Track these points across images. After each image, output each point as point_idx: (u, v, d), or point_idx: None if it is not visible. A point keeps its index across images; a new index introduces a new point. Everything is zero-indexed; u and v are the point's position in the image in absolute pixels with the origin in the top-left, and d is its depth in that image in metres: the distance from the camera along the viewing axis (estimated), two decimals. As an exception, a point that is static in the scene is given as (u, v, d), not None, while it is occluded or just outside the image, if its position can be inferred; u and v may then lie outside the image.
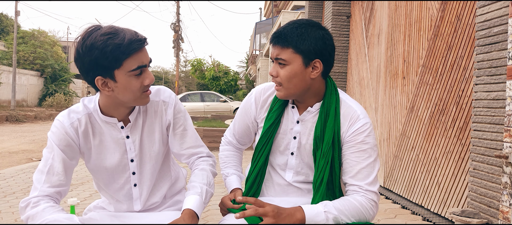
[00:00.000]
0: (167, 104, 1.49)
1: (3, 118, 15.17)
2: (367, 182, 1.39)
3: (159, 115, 1.49)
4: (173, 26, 26.76)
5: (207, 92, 19.29)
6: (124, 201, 1.52)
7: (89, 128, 1.43)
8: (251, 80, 30.59)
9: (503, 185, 2.47)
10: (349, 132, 1.41)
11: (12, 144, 8.94)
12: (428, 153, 3.66)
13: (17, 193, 4.22)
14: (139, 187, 1.51)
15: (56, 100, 21.42)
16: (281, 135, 1.50)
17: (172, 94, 1.52)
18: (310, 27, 1.37)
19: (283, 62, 1.37)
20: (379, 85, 4.91)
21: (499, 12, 2.59)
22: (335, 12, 6.22)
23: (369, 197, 1.38)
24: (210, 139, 8.11)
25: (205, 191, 1.46)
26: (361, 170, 1.39)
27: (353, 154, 1.40)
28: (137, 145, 1.46)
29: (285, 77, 1.37)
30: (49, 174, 1.37)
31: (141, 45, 1.29)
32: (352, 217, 1.35)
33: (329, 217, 1.31)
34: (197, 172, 1.51)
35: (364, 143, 1.40)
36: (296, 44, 1.35)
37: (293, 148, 1.49)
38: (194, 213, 1.38)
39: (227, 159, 1.68)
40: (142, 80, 1.32)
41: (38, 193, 1.34)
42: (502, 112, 2.55)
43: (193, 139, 1.55)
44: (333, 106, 1.42)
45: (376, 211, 1.41)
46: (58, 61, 25.01)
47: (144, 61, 1.32)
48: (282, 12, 15.59)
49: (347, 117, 1.42)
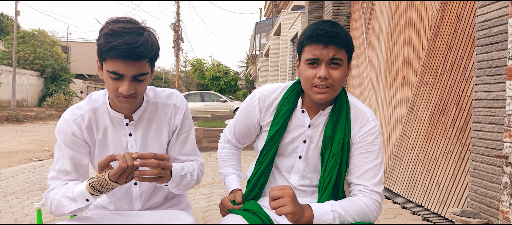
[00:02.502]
0: (178, 109, 1.52)
1: (3, 118, 15.17)
2: (373, 183, 1.39)
3: (169, 118, 1.51)
4: (173, 26, 26.77)
5: (207, 92, 19.29)
6: (124, 199, 1.53)
7: (92, 123, 1.44)
8: (251, 80, 30.59)
9: (503, 185, 2.47)
10: (360, 133, 1.43)
11: (12, 144, 8.94)
12: (428, 153, 3.66)
13: (17, 193, 4.22)
14: (140, 186, 1.52)
15: (56, 100, 21.41)
16: (288, 139, 1.49)
17: (184, 100, 1.55)
18: (337, 25, 1.38)
19: (339, 63, 1.35)
20: (379, 85, 4.91)
21: (499, 12, 2.59)
22: (335, 12, 6.22)
23: (373, 197, 1.39)
24: (210, 139, 8.11)
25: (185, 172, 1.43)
26: (368, 171, 1.40)
27: (361, 154, 1.41)
28: (139, 144, 1.47)
29: (339, 78, 1.35)
30: (59, 172, 1.42)
31: (123, 56, 1.24)
32: (357, 217, 1.35)
33: (335, 216, 1.30)
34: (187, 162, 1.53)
35: (373, 144, 1.42)
36: (347, 45, 1.36)
37: (302, 152, 1.49)
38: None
39: (227, 158, 1.68)
40: (117, 86, 1.30)
41: (51, 188, 1.42)
42: (502, 112, 2.55)
43: (192, 147, 1.58)
44: (344, 108, 1.43)
45: (380, 212, 1.42)
46: (58, 61, 25.01)
47: (121, 72, 1.27)
48: (282, 12, 15.58)
49: (358, 120, 1.44)
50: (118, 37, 1.25)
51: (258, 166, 1.51)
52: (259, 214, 1.43)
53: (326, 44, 1.33)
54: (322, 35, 1.33)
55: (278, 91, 1.52)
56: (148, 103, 1.49)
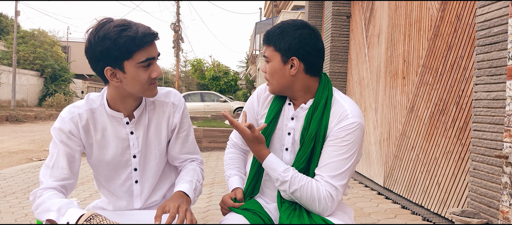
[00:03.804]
0: (176, 107, 1.53)
1: (3, 118, 15.17)
2: (330, 175, 1.39)
3: (167, 116, 1.51)
4: (173, 26, 26.76)
5: (207, 92, 19.30)
6: (124, 198, 1.53)
7: (90, 123, 1.44)
8: (251, 80, 30.58)
9: (503, 185, 2.47)
10: (335, 128, 1.43)
11: (12, 144, 8.94)
12: (428, 153, 3.66)
13: (17, 193, 4.22)
14: (140, 184, 1.53)
15: (56, 100, 21.42)
16: (278, 131, 1.53)
17: (181, 99, 1.55)
18: (291, 27, 1.45)
19: (266, 59, 1.49)
20: (379, 85, 4.91)
21: (499, 12, 2.59)
22: (335, 12, 6.22)
23: (326, 188, 1.39)
24: (210, 139, 8.11)
25: (195, 183, 1.48)
26: (330, 164, 1.40)
27: (329, 147, 1.42)
28: (141, 142, 1.48)
29: (268, 73, 1.48)
30: (53, 168, 1.40)
31: (153, 39, 1.34)
32: (303, 194, 1.38)
33: (281, 178, 1.40)
34: (189, 168, 1.55)
35: (344, 140, 1.41)
36: (275, 43, 1.45)
37: (288, 144, 1.51)
38: (184, 193, 1.41)
39: (231, 161, 1.70)
40: (150, 73, 1.36)
41: (43, 186, 1.38)
42: (502, 112, 2.55)
43: (192, 145, 1.59)
44: (323, 102, 1.46)
45: (332, 207, 1.40)
46: (58, 61, 25.02)
47: (153, 54, 1.35)
48: (282, 12, 15.59)
49: (337, 115, 1.45)
50: (132, 28, 1.31)
51: (254, 160, 1.55)
52: (260, 213, 1.44)
53: (262, 42, 1.53)
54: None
55: None
56: (147, 101, 1.50)
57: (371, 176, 5.04)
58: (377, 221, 3.35)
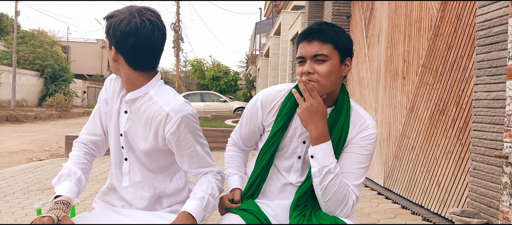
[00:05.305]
0: (170, 120, 1.39)
1: (3, 118, 15.17)
2: (354, 184, 1.42)
3: (157, 123, 1.41)
4: (173, 26, 26.74)
5: (207, 92, 19.31)
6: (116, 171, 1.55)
7: (117, 89, 1.51)
8: (251, 80, 30.58)
9: (503, 185, 2.47)
10: (357, 137, 1.44)
11: (12, 144, 8.94)
12: (428, 153, 3.66)
13: (17, 193, 4.22)
14: (129, 163, 1.52)
15: (56, 100, 21.38)
16: (288, 139, 1.50)
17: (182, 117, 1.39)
18: (339, 27, 1.43)
19: (323, 58, 1.37)
20: (379, 85, 4.91)
21: (499, 12, 2.59)
22: (335, 12, 6.22)
23: (352, 197, 1.42)
24: (210, 139, 8.11)
25: (207, 199, 1.41)
26: (352, 171, 1.42)
27: (351, 154, 1.43)
28: (129, 125, 1.47)
29: (325, 73, 1.36)
30: (90, 121, 1.58)
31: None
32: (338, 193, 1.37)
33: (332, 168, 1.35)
34: (202, 181, 1.48)
35: (365, 149, 1.43)
36: (336, 41, 1.38)
37: (301, 152, 1.50)
38: (189, 215, 1.35)
39: (231, 160, 1.70)
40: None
41: (79, 138, 1.59)
42: (502, 112, 2.55)
43: (203, 160, 1.49)
44: (345, 109, 1.44)
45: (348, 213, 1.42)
46: (58, 61, 25.01)
47: None
48: (282, 12, 15.58)
49: (357, 124, 1.45)
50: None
51: (258, 164, 1.52)
52: (257, 214, 1.44)
53: (309, 40, 1.38)
54: (306, 32, 1.39)
55: (281, 94, 1.53)
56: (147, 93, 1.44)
57: (371, 176, 5.04)
58: (377, 221, 3.35)
